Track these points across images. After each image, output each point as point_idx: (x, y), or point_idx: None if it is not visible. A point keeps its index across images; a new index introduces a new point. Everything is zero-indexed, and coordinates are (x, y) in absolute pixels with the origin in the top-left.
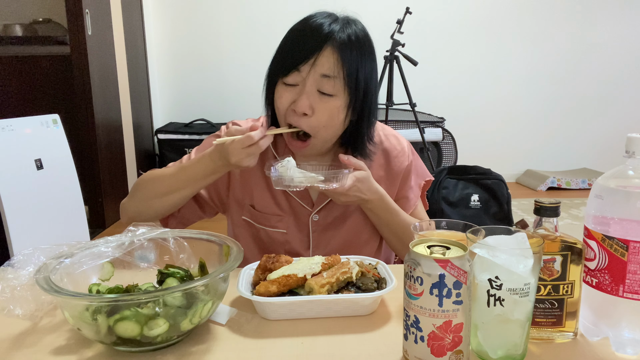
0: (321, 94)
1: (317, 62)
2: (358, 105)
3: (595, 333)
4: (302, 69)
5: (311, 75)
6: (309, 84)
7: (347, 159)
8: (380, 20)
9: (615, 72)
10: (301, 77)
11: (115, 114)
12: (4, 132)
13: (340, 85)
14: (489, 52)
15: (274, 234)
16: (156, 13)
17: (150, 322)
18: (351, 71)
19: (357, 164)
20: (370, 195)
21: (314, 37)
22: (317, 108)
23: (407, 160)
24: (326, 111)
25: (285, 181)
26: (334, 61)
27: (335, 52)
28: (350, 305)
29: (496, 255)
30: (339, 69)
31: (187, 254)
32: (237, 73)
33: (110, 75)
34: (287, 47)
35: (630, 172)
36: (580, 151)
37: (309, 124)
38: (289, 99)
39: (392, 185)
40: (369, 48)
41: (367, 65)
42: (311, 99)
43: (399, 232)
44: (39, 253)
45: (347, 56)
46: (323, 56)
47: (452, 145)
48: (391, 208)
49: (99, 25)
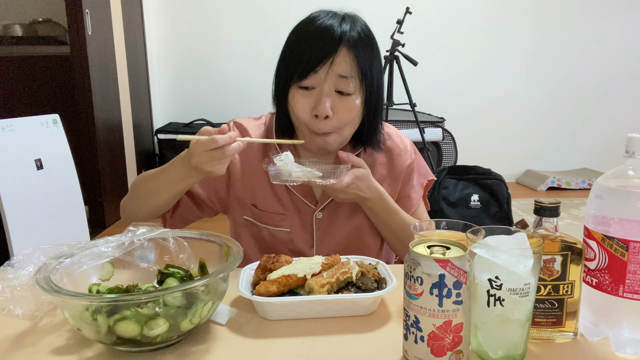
0: (339, 94)
1: (334, 63)
2: (373, 101)
3: (595, 333)
4: (320, 70)
5: (329, 77)
6: (327, 85)
7: (347, 156)
8: (380, 20)
9: (615, 71)
10: (318, 80)
11: (115, 114)
12: (4, 132)
13: (357, 84)
14: (489, 52)
15: (277, 233)
16: (156, 13)
17: (150, 322)
18: (365, 69)
19: (356, 161)
20: (370, 194)
21: (328, 38)
22: (337, 108)
23: (410, 159)
24: (346, 110)
25: (283, 176)
26: (350, 61)
27: (350, 52)
28: (350, 305)
29: (496, 255)
30: (354, 68)
31: (187, 254)
32: (237, 73)
33: (110, 75)
34: (300, 50)
35: (630, 172)
36: (580, 151)
37: (332, 125)
38: (308, 104)
39: (394, 184)
40: (376, 43)
41: (377, 61)
42: (331, 101)
43: (398, 232)
44: (39, 253)
45: (361, 55)
46: (339, 57)
47: (452, 145)
48: (390, 207)
49: (99, 25)
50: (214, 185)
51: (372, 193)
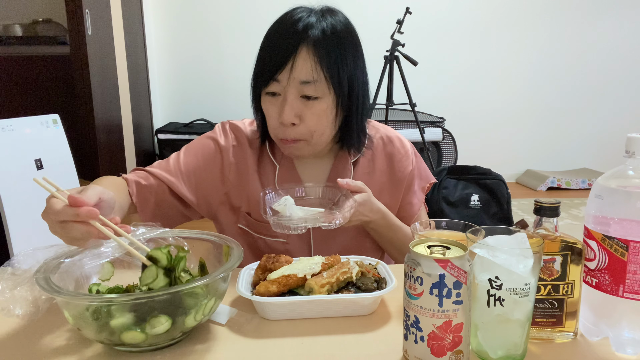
0: (305, 98)
1: (294, 67)
2: (345, 102)
3: (595, 333)
4: (280, 77)
5: (291, 83)
6: (289, 92)
7: (346, 183)
8: (380, 20)
9: (615, 71)
10: (280, 86)
11: (115, 114)
12: (4, 132)
13: (324, 86)
14: (489, 52)
15: (273, 244)
16: (156, 13)
17: (152, 320)
18: (332, 70)
19: (356, 186)
20: (372, 216)
21: (287, 38)
22: (303, 115)
23: (412, 165)
24: (314, 116)
25: (284, 223)
26: (312, 64)
27: (311, 53)
28: (350, 305)
29: (496, 255)
30: (318, 70)
31: (187, 254)
32: (237, 73)
33: (110, 75)
34: (263, 54)
35: (630, 172)
36: (580, 151)
37: (299, 132)
38: (275, 111)
39: (396, 191)
40: (351, 39)
41: (349, 59)
42: (295, 108)
43: (402, 248)
44: (39, 253)
45: (324, 55)
46: (299, 60)
47: (452, 145)
48: (394, 225)
49: (99, 25)
50: (204, 191)
51: (375, 215)
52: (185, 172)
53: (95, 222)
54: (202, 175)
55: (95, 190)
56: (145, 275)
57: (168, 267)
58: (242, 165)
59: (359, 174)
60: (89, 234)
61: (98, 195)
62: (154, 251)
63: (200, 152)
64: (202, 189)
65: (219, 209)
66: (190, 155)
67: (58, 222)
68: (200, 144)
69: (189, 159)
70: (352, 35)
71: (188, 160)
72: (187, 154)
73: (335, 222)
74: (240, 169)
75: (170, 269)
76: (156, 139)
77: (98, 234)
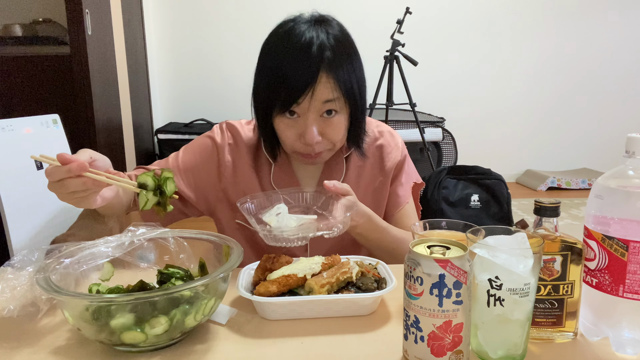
0: (325, 114)
1: (315, 91)
2: (357, 108)
3: (595, 333)
4: (302, 102)
5: (312, 106)
6: (311, 114)
7: (333, 185)
8: (380, 20)
9: (615, 71)
10: (302, 109)
11: (115, 114)
12: (4, 132)
13: (342, 101)
14: (489, 52)
15: None
16: (156, 13)
17: (152, 320)
18: (347, 84)
19: (343, 188)
20: (359, 219)
21: (305, 62)
22: (325, 131)
23: (400, 156)
24: (334, 130)
25: (277, 236)
26: (332, 85)
27: (331, 76)
28: (350, 305)
29: (496, 255)
30: (337, 90)
31: (187, 254)
32: (237, 73)
33: (110, 75)
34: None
35: (630, 172)
36: (580, 151)
37: (322, 146)
38: (294, 132)
39: (386, 180)
40: (351, 47)
41: (355, 67)
42: (318, 127)
43: (390, 250)
44: (39, 253)
45: (340, 73)
46: (320, 84)
47: (452, 145)
48: (380, 227)
49: (99, 25)
50: (202, 188)
51: (361, 218)
52: (184, 169)
53: (88, 173)
54: (200, 172)
55: (87, 152)
56: (140, 200)
57: (156, 187)
58: (238, 162)
59: (352, 168)
60: (85, 184)
61: (89, 155)
62: (141, 177)
63: (197, 150)
64: (200, 186)
65: (217, 206)
66: (188, 154)
67: (57, 184)
68: (198, 142)
69: (187, 157)
70: (350, 42)
71: (186, 158)
72: (185, 152)
73: (335, 230)
74: (236, 167)
75: (160, 190)
76: (156, 139)
77: (93, 182)
